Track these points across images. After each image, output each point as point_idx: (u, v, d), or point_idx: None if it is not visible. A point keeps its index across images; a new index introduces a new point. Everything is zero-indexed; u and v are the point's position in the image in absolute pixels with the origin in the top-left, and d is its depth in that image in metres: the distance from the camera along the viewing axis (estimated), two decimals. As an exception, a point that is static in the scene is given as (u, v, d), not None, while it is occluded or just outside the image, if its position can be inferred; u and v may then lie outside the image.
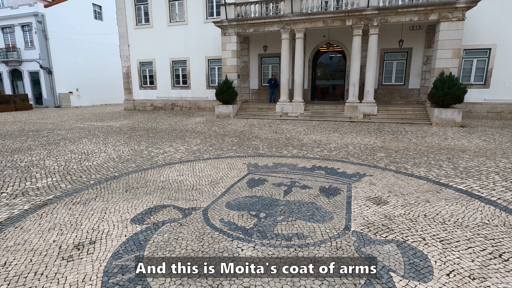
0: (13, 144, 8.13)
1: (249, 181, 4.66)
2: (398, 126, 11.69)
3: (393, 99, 15.65)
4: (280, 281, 2.22)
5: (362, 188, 4.35)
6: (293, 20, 13.65)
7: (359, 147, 7.68)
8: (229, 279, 2.26)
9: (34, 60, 22.98)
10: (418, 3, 12.23)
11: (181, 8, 17.89)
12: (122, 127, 11.78)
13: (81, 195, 4.14)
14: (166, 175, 5.06)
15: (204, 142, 8.30)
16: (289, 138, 9.06)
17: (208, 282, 2.23)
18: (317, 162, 6.00)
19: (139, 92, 19.89)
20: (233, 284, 2.20)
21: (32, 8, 22.09)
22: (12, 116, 16.94)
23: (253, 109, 15.56)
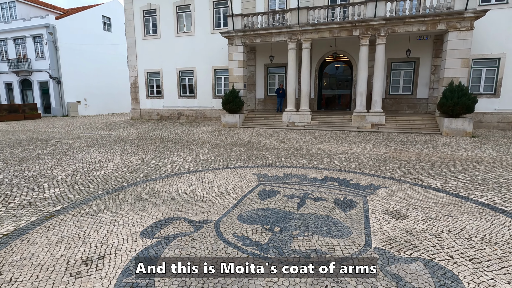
0: (21, 153, 8.13)
1: (260, 193, 4.52)
2: (408, 136, 11.49)
3: (401, 109, 15.50)
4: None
5: (379, 201, 4.18)
6: (299, 30, 13.72)
7: (370, 158, 7.51)
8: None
9: (44, 70, 23.40)
10: (425, 13, 12.22)
11: (188, 20, 18.17)
12: (129, 136, 11.78)
13: (89, 206, 4.03)
14: (175, 186, 4.95)
15: (212, 152, 8.21)
16: (298, 148, 8.93)
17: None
18: (329, 173, 5.84)
19: (146, 101, 20.04)
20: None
21: (44, 20, 22.66)
22: (21, 125, 17.12)
23: (260, 118, 15.51)
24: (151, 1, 18.65)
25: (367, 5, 12.80)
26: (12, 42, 24.26)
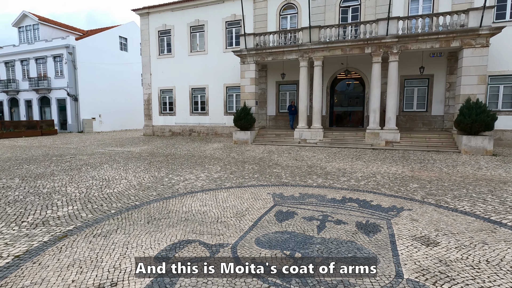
0: (37, 169, 8.23)
1: (277, 214, 4.33)
2: (424, 154, 11.13)
3: (415, 126, 15.17)
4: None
5: (404, 225, 3.93)
6: (311, 48, 13.85)
7: (388, 177, 7.23)
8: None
9: (62, 88, 24.29)
10: (438, 30, 12.17)
11: (201, 39, 18.70)
12: (142, 152, 11.85)
13: (102, 226, 3.93)
14: (188, 205, 4.82)
15: (225, 169, 8.10)
16: (311, 166, 8.73)
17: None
18: (347, 193, 5.61)
19: (159, 118, 20.36)
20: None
21: (65, 41, 23.78)
22: (37, 140, 17.57)
23: (271, 135, 15.43)
24: (166, 22, 19.37)
25: (378, 24, 12.87)
26: (34, 62, 25.46)
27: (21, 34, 26.48)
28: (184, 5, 18.65)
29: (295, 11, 16.50)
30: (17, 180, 6.82)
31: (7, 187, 6.12)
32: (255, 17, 17.04)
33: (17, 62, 26.16)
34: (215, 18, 18.01)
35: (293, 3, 16.38)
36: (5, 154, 11.41)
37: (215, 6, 17.98)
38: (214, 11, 18.01)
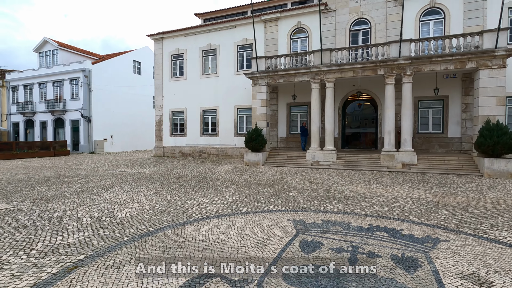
0: (48, 191, 8.10)
1: (301, 244, 3.99)
2: (445, 178, 10.64)
3: (431, 148, 14.73)
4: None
5: (446, 259, 3.53)
6: (323, 70, 13.90)
7: (412, 202, 6.81)
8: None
9: (77, 110, 24.88)
10: (452, 52, 12.08)
11: (213, 62, 19.11)
12: (153, 174, 11.69)
13: (114, 256, 3.66)
14: (205, 233, 4.52)
15: (238, 193, 7.81)
16: (328, 190, 8.36)
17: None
18: (372, 220, 5.23)
19: (169, 139, 20.43)
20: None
21: (82, 65, 24.70)
22: (50, 161, 17.71)
23: (283, 157, 15.17)
24: (179, 46, 19.97)
25: (390, 46, 12.91)
26: (51, 85, 26.37)
27: (41, 58, 27.70)
28: (197, 31, 19.29)
29: (305, 35, 16.81)
30: (28, 202, 6.67)
31: (18, 210, 5.95)
32: (266, 41, 17.42)
33: (36, 85, 27.15)
34: (227, 42, 18.49)
35: (304, 27, 16.73)
36: (17, 175, 11.41)
37: (227, 31, 18.52)
38: (226, 36, 18.53)
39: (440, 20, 14.55)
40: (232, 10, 21.80)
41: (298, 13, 16.67)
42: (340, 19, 16.03)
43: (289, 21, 16.98)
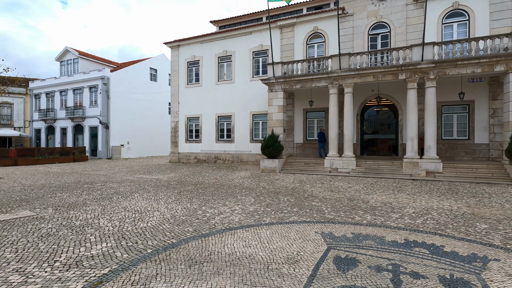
0: (69, 197, 8.13)
1: (336, 261, 3.71)
2: (475, 187, 10.04)
3: (456, 155, 14.06)
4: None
5: (503, 283, 3.17)
6: (341, 75, 13.59)
7: (445, 214, 6.38)
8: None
9: (95, 117, 25.48)
10: (479, 55, 11.55)
11: (229, 69, 19.14)
12: (170, 180, 11.64)
13: (139, 270, 3.50)
14: (230, 245, 4.31)
15: (259, 202, 7.58)
16: (352, 199, 8.01)
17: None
18: (407, 234, 4.87)
19: (185, 145, 20.51)
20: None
21: (101, 72, 25.36)
22: (70, 167, 18.07)
23: (300, 163, 14.85)
24: (195, 53, 20.16)
25: (412, 49, 12.49)
26: (71, 92, 27.19)
27: (63, 67, 28.66)
28: (213, 37, 19.43)
29: (322, 40, 16.59)
30: (50, 210, 6.68)
31: (41, 218, 5.94)
32: (282, 46, 17.30)
33: (57, 93, 28.08)
34: (243, 49, 18.51)
35: (320, 32, 16.52)
36: (39, 181, 11.62)
37: (242, 37, 18.55)
38: (242, 42, 18.55)
39: (464, 22, 14.02)
40: (247, 17, 21.90)
41: (314, 18, 16.50)
42: (358, 23, 15.74)
43: (305, 26, 16.82)
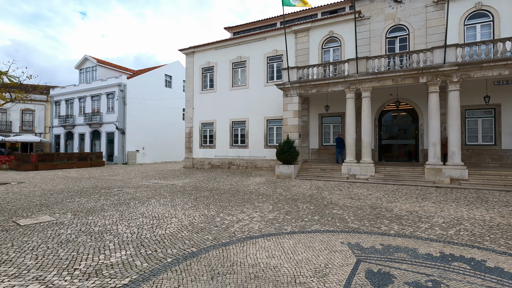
0: (87, 202, 8.17)
1: (368, 275, 3.44)
2: (505, 195, 9.45)
3: (482, 161, 13.38)
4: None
5: (563, 306, 2.82)
6: (359, 79, 13.28)
7: (478, 224, 5.95)
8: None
9: (112, 123, 26.01)
10: (506, 56, 11.00)
11: (243, 74, 19.13)
12: (185, 186, 11.58)
13: (160, 281, 3.35)
14: (253, 256, 4.11)
15: (277, 209, 7.35)
16: (374, 207, 7.65)
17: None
18: (442, 247, 4.53)
19: (199, 151, 20.54)
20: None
21: (118, 79, 25.96)
22: (87, 172, 18.40)
23: (316, 169, 14.52)
24: (209, 60, 20.31)
25: (433, 52, 12.06)
26: (90, 99, 27.93)
27: (82, 75, 29.55)
28: (227, 44, 19.53)
29: (337, 44, 16.35)
30: (69, 215, 6.69)
31: (60, 224, 5.94)
32: (297, 51, 17.16)
33: (76, 99, 28.92)
34: (257, 54, 18.49)
35: (336, 36, 16.30)
36: (58, 186, 11.81)
37: (257, 43, 18.55)
38: (256, 48, 18.54)
39: (488, 23, 13.48)
40: (261, 23, 21.95)
41: (329, 22, 16.31)
42: (375, 26, 15.43)
43: (321, 30, 16.64)
